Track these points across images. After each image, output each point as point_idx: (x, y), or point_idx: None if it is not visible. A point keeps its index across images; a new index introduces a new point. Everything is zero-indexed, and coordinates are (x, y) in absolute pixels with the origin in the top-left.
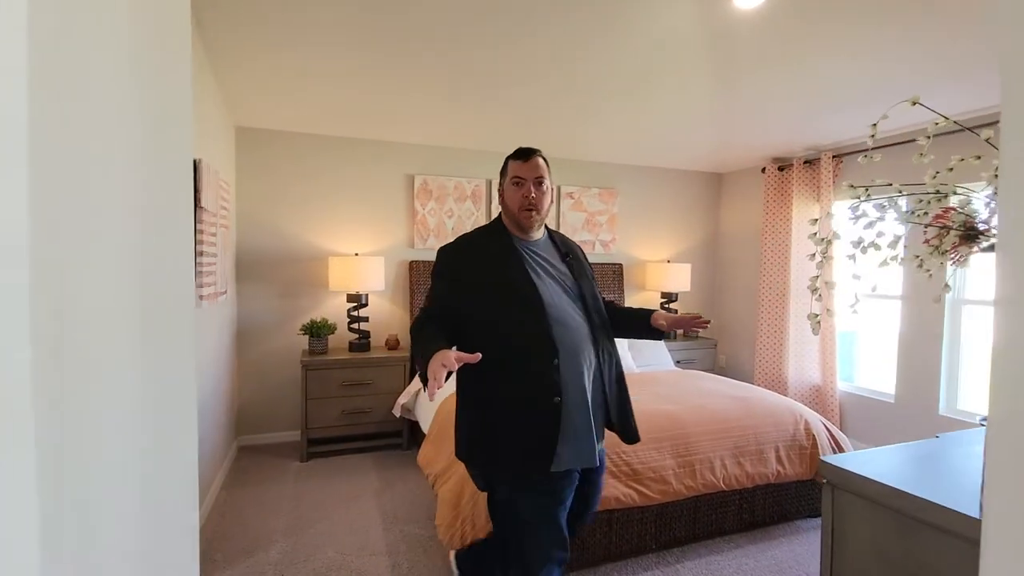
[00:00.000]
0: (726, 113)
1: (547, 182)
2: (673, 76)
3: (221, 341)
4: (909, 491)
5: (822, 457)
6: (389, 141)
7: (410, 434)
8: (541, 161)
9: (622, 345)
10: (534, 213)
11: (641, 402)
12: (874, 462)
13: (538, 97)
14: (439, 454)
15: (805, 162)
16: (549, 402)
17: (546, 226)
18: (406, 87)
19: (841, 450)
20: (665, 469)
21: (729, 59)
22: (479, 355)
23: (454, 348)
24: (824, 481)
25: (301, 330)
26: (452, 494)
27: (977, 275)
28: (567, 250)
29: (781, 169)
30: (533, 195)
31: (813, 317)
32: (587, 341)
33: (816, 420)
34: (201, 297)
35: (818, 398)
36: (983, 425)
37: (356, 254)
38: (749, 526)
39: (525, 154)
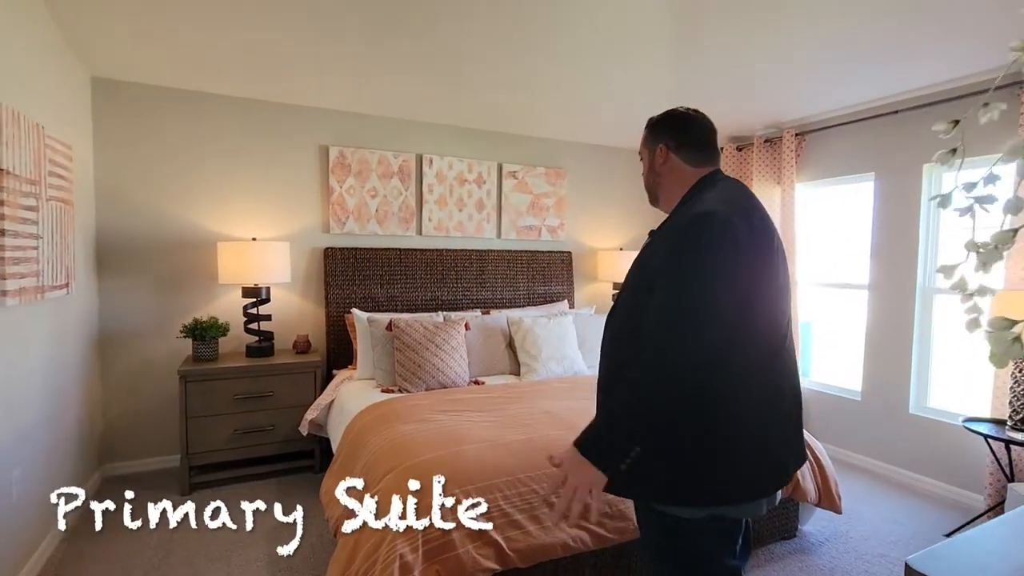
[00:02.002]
0: (681, 85)
1: (644, 155)
2: (624, 42)
3: (63, 348)
4: None
5: (908, 561)
6: (297, 105)
7: (324, 454)
8: (643, 135)
9: (570, 343)
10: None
11: (585, 414)
12: (995, 563)
13: (476, 61)
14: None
15: (765, 141)
16: None
17: (691, 195)
18: (318, 39)
19: (819, 464)
20: (624, 501)
21: (686, 22)
22: None
23: None
24: None
25: (181, 332)
26: (347, 548)
27: (949, 260)
28: (660, 227)
29: (740, 149)
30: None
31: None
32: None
33: None
34: (4, 293)
35: None
36: (969, 428)
37: (254, 239)
38: None
39: None
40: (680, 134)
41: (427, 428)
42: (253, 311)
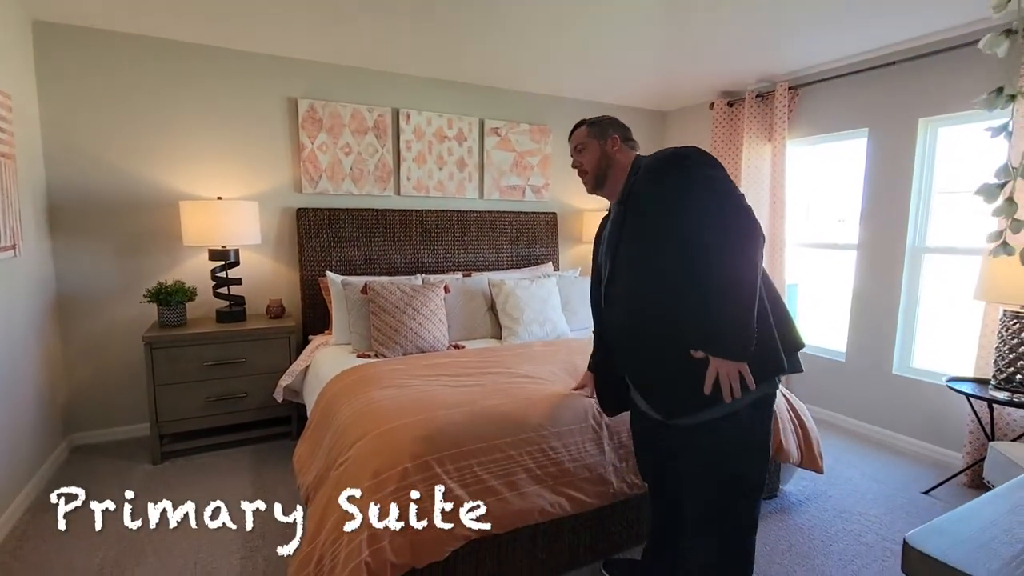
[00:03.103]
0: (671, 36)
1: (591, 145)
2: None
3: (12, 313)
4: None
5: (907, 538)
6: (262, 53)
7: (301, 421)
8: (580, 130)
9: (553, 305)
10: (584, 177)
11: (566, 379)
12: (1001, 540)
13: (457, 8)
14: (315, 454)
15: (757, 96)
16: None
17: (634, 170)
18: None
19: (802, 424)
20: (604, 465)
21: None
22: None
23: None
24: None
25: (145, 297)
26: (315, 517)
27: (939, 220)
28: (626, 195)
29: (731, 104)
30: (575, 163)
31: None
32: (613, 310)
33: None
34: None
35: None
36: (952, 388)
37: (219, 198)
38: None
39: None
40: (623, 130)
41: (401, 394)
42: (222, 275)
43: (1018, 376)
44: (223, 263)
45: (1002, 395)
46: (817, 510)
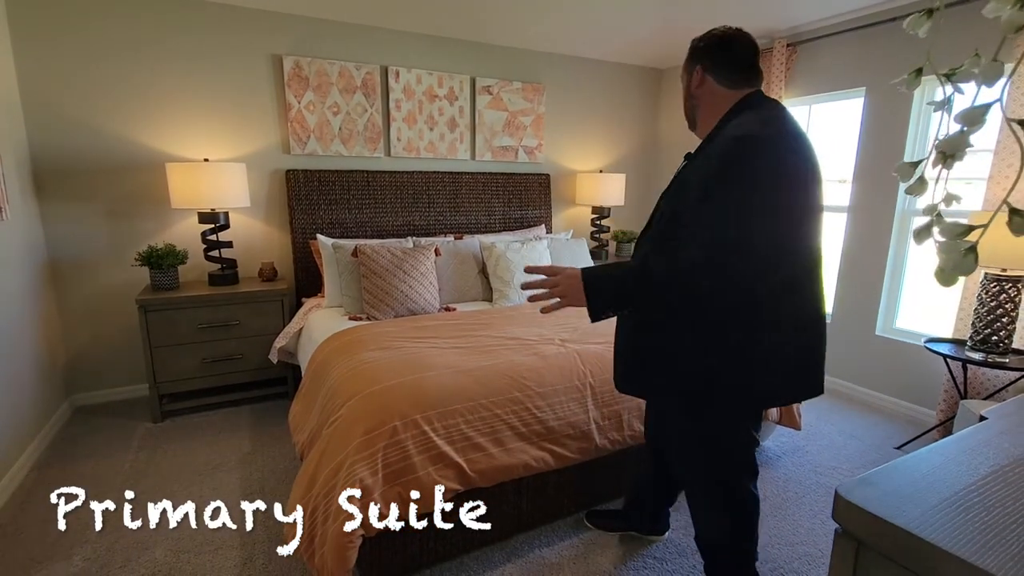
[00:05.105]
0: None
1: (683, 75)
2: None
3: (4, 277)
4: None
5: (837, 488)
6: (244, 7)
7: (297, 381)
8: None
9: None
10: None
11: (554, 340)
12: (924, 492)
13: None
14: (309, 413)
15: None
16: None
17: (727, 119)
18: None
19: None
20: (587, 424)
21: None
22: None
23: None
24: (838, 529)
25: (136, 260)
26: (308, 472)
27: (930, 182)
28: (698, 151)
29: None
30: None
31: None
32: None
33: None
34: None
35: None
36: (930, 349)
37: (206, 160)
38: None
39: None
40: (717, 55)
41: (391, 355)
42: (212, 238)
43: (994, 337)
44: (213, 226)
45: (977, 355)
46: (793, 464)
